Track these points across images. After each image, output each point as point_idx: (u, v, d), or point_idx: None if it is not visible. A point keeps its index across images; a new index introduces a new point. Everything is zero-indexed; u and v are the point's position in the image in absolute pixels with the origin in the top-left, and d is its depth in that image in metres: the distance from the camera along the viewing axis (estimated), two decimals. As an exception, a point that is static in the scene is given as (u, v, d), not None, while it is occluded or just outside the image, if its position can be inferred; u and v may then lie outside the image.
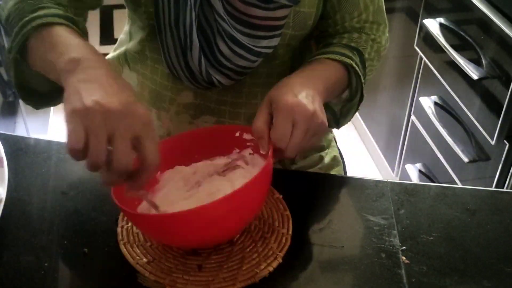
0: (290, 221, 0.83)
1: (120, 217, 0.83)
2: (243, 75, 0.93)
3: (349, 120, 1.00)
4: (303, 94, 0.80)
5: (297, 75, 0.86)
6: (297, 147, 0.78)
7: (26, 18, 0.76)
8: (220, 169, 0.87)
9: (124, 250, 0.78)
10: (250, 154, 0.86)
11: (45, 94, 0.86)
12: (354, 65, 0.90)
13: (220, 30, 0.86)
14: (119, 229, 0.81)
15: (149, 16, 0.89)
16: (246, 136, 0.85)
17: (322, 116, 0.80)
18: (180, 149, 0.87)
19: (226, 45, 0.87)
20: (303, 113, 0.78)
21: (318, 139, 0.82)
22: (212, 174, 0.87)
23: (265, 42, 0.88)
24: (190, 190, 0.85)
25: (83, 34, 0.80)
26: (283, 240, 0.80)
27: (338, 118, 0.99)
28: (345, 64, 0.90)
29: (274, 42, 0.89)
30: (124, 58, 1.03)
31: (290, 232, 0.82)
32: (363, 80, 0.92)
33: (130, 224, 0.82)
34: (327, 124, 0.82)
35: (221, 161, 0.88)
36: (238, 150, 0.87)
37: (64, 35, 0.75)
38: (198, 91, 0.96)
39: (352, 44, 0.95)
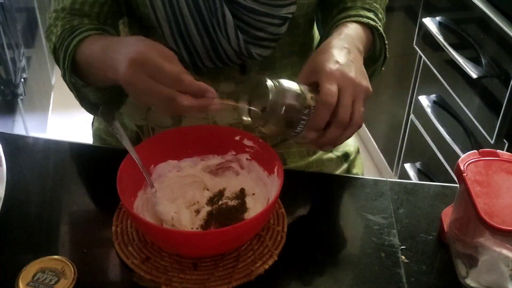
0: (285, 219, 0.83)
1: (115, 216, 0.82)
2: (277, 41, 0.94)
3: (374, 81, 0.99)
4: (344, 60, 0.80)
5: (334, 38, 0.86)
6: (348, 111, 0.77)
7: (66, 42, 0.86)
8: (213, 168, 0.88)
9: (118, 249, 0.78)
10: (247, 159, 0.86)
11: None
12: (380, 27, 0.93)
13: (238, 5, 0.88)
14: (113, 229, 0.81)
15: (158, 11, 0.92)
16: (247, 142, 0.85)
17: (366, 82, 0.81)
18: (174, 144, 0.86)
19: (250, 18, 0.89)
20: (348, 79, 0.78)
21: (363, 105, 0.81)
22: (205, 171, 0.88)
23: (284, 10, 0.91)
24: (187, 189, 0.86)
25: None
26: (279, 238, 0.80)
27: None
28: (370, 26, 0.93)
29: (292, 9, 0.91)
30: None
31: (285, 230, 0.82)
32: (386, 41, 0.95)
33: (124, 223, 0.81)
34: (371, 88, 0.82)
35: (214, 160, 0.88)
36: (234, 153, 0.87)
37: (94, 49, 0.84)
38: (238, 79, 0.98)
39: (367, 6, 0.97)
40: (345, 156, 1.09)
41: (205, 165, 0.88)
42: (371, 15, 0.95)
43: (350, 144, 1.12)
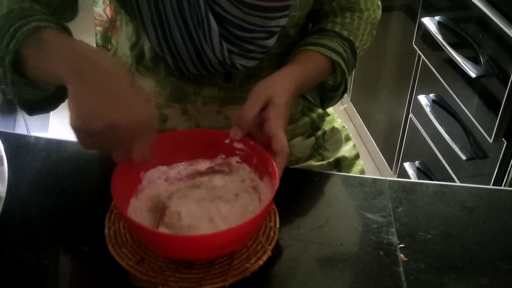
0: (277, 215, 0.84)
1: (107, 218, 0.82)
2: (265, 53, 0.96)
3: (334, 104, 1.06)
4: (289, 114, 0.87)
5: (291, 81, 0.89)
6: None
7: (16, 25, 0.76)
8: (203, 172, 0.88)
9: (113, 251, 0.77)
10: (237, 162, 0.86)
11: (37, 101, 0.90)
12: (342, 63, 0.95)
13: (228, 16, 0.89)
14: (106, 231, 0.80)
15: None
16: (237, 145, 0.85)
17: None
18: (163, 149, 0.85)
19: (238, 29, 0.90)
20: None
21: None
22: (195, 176, 0.87)
23: (273, 23, 0.91)
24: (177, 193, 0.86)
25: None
26: (271, 234, 0.81)
27: (323, 100, 1.05)
28: (332, 60, 0.95)
29: (282, 22, 0.92)
30: (133, 69, 1.04)
31: (278, 226, 0.82)
32: (347, 76, 0.98)
33: (117, 225, 0.81)
34: None
35: (204, 164, 0.88)
36: (223, 156, 0.87)
37: (50, 41, 0.75)
38: (221, 85, 0.99)
39: (345, 34, 0.99)
40: (337, 162, 1.09)
41: (195, 171, 0.88)
42: (340, 48, 0.96)
43: (345, 150, 1.12)
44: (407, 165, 1.99)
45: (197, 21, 0.88)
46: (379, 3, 1.06)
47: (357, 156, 1.14)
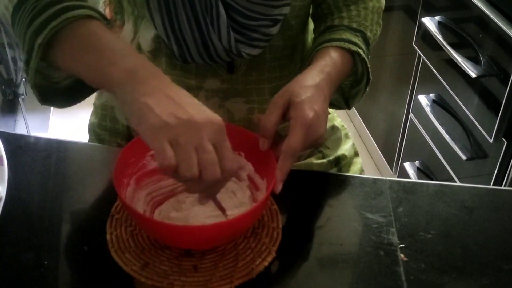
0: (279, 215, 0.83)
1: (108, 224, 0.81)
2: (268, 42, 0.95)
3: (359, 101, 1.04)
4: (319, 109, 0.83)
5: (311, 76, 0.88)
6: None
7: (52, 10, 0.75)
8: None
9: (116, 257, 0.76)
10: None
11: (64, 91, 0.89)
12: (362, 52, 0.94)
13: (233, 3, 0.88)
14: (108, 236, 0.79)
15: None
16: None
17: (324, 134, 0.85)
18: None
19: (243, 18, 0.90)
20: (316, 134, 0.82)
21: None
22: None
23: (276, 11, 0.91)
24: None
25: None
26: (275, 235, 0.81)
27: (347, 100, 1.04)
28: (352, 52, 0.94)
29: (285, 10, 0.92)
30: None
31: (280, 226, 0.82)
32: (368, 65, 0.96)
33: (119, 230, 0.80)
34: (325, 137, 0.87)
35: None
36: None
37: (104, 36, 0.76)
38: (224, 77, 0.99)
39: (354, 25, 0.98)
40: (337, 160, 1.10)
41: None
42: (355, 38, 0.95)
43: (345, 149, 1.12)
44: (407, 165, 1.99)
45: (205, 7, 0.88)
46: None
47: (356, 155, 1.15)
